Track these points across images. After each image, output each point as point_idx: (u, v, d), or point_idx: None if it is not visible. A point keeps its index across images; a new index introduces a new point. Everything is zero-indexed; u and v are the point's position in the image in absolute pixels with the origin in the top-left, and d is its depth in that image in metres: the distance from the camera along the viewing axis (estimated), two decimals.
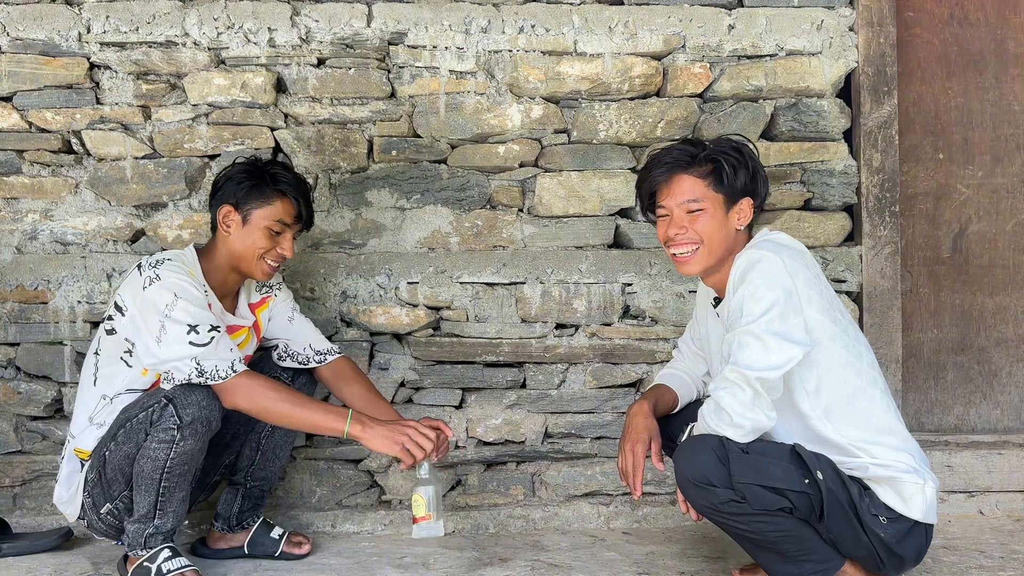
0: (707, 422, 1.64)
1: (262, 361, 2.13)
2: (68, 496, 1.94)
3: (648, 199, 1.84)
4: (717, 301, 1.86)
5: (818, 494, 1.60)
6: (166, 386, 1.81)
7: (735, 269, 1.68)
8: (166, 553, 1.84)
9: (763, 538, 1.64)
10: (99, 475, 1.88)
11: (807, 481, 1.60)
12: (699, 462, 1.62)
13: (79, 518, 1.96)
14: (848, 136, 2.50)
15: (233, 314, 2.04)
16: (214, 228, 1.98)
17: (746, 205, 1.78)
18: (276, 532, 2.11)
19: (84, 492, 1.91)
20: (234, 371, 1.80)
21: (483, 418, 2.41)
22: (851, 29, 2.46)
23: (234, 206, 1.93)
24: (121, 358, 1.91)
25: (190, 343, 1.78)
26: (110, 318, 1.92)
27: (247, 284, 2.07)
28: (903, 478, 1.64)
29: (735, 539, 1.74)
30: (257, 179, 1.94)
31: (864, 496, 1.64)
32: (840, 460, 1.66)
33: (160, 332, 1.79)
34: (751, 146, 1.82)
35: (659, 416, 1.90)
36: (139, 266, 1.89)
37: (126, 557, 1.91)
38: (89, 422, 1.92)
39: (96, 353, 1.95)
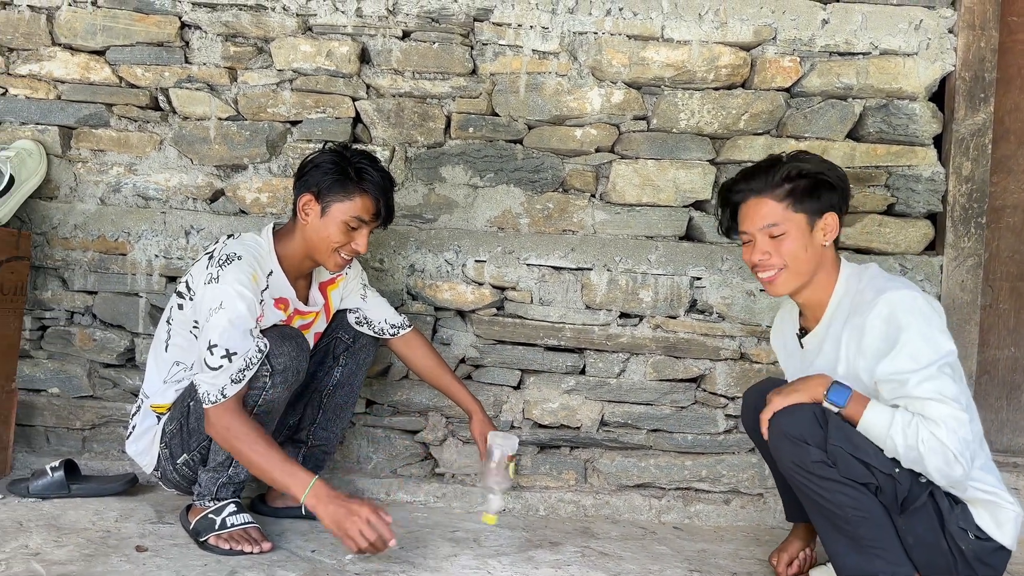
0: (925, 443, 1.54)
1: (333, 320, 2.18)
2: (143, 448, 2.01)
3: (729, 223, 1.85)
4: (803, 332, 1.84)
5: (905, 484, 1.59)
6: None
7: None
8: (231, 508, 1.89)
9: (841, 513, 1.62)
10: (180, 426, 1.93)
11: (898, 470, 1.59)
12: (798, 420, 1.62)
13: (154, 469, 2.02)
14: (938, 142, 2.41)
15: (306, 302, 2.07)
16: (295, 212, 1.99)
17: (831, 220, 1.75)
18: None
19: (161, 443, 1.96)
20: (223, 396, 1.77)
21: (540, 401, 2.41)
22: (950, 31, 2.37)
23: (315, 196, 1.93)
24: (191, 331, 1.96)
25: (204, 361, 1.80)
26: (180, 294, 1.96)
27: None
28: (1002, 504, 1.63)
29: (812, 514, 1.71)
30: (342, 172, 1.92)
31: (955, 508, 1.63)
32: None
33: (198, 332, 1.86)
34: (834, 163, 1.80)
35: None
36: (211, 255, 1.90)
37: (188, 507, 1.96)
38: (163, 383, 1.98)
39: (168, 321, 2.00)
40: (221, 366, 1.78)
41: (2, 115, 2.41)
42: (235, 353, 1.79)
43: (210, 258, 1.89)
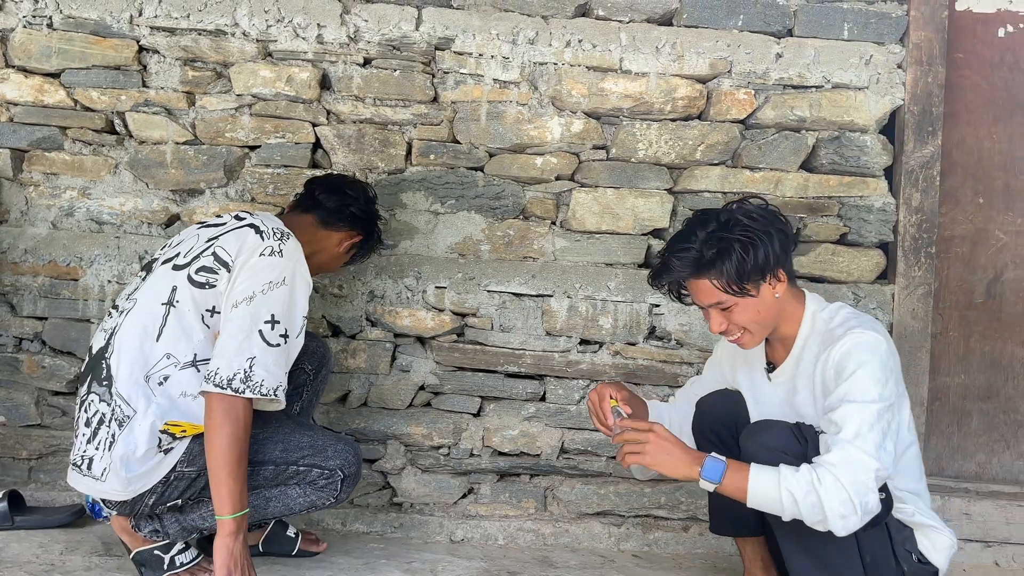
0: (823, 500, 1.52)
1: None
2: (143, 471, 1.74)
3: (678, 293, 1.79)
4: (771, 366, 1.84)
5: None
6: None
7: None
8: (180, 545, 1.84)
9: (809, 531, 1.59)
10: (199, 474, 1.77)
11: None
12: (779, 435, 1.67)
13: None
14: (889, 173, 2.48)
15: None
16: (325, 223, 2.04)
17: (780, 275, 1.70)
18: (291, 531, 2.10)
19: (163, 479, 1.76)
20: (276, 395, 1.69)
21: (500, 428, 2.40)
22: (899, 66, 2.44)
23: (364, 239, 2.12)
24: (201, 315, 1.77)
25: (259, 332, 1.68)
26: (208, 270, 1.77)
27: None
28: (940, 529, 1.73)
29: (780, 536, 1.70)
30: (378, 234, 2.19)
31: (903, 531, 1.70)
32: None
33: (245, 302, 1.69)
34: (765, 208, 1.72)
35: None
36: (256, 228, 1.80)
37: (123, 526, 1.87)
38: (145, 381, 1.74)
39: (172, 304, 1.77)
40: (279, 344, 1.70)
41: None
42: (288, 336, 1.73)
43: (258, 232, 1.79)
